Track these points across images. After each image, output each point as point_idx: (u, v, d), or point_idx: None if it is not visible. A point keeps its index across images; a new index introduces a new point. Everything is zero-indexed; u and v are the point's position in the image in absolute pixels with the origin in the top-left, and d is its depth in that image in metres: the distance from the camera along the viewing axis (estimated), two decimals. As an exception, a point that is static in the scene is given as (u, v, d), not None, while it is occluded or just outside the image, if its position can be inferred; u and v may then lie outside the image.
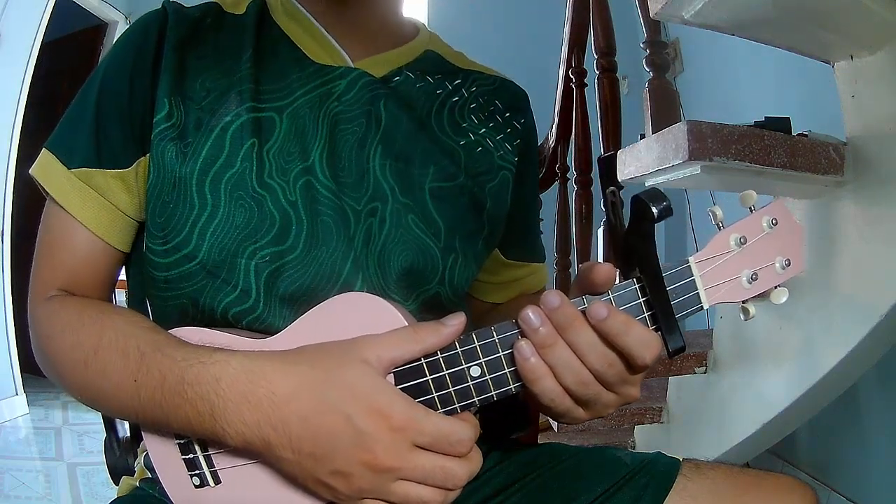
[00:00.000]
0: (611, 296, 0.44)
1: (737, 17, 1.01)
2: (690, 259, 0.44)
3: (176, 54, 0.55)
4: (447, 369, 0.45)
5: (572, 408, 0.44)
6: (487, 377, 0.44)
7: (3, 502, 1.84)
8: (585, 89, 1.78)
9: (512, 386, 0.44)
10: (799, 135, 1.08)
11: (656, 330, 0.44)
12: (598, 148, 1.55)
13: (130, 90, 0.54)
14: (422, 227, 0.57)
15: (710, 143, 0.96)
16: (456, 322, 0.44)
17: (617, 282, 0.45)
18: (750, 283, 0.44)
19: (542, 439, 1.49)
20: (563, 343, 0.42)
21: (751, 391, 1.27)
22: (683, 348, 0.44)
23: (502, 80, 0.70)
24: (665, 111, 1.24)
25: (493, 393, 0.44)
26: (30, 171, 0.56)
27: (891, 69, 1.00)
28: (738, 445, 1.29)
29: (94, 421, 2.54)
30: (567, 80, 1.83)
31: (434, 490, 0.43)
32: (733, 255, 0.44)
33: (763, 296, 0.45)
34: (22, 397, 2.69)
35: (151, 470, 0.57)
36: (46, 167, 0.55)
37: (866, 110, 1.05)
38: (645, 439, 1.60)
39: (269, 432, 0.42)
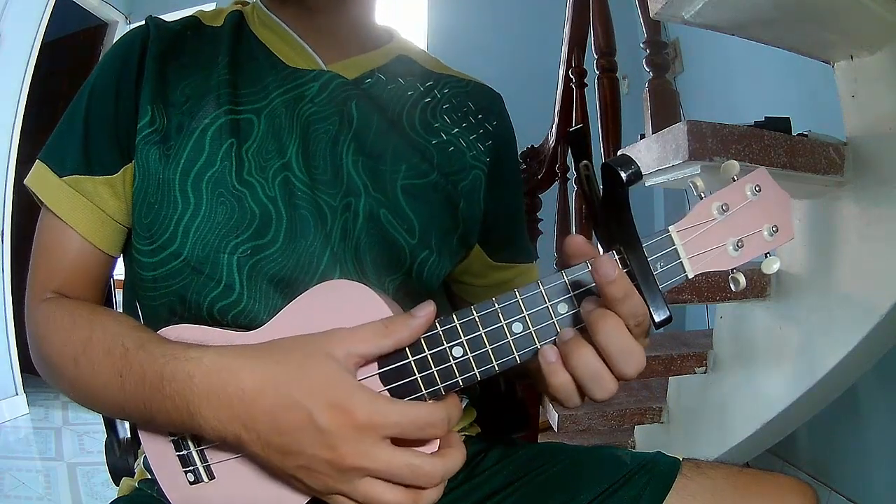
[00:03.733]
0: (590, 268, 0.43)
1: (737, 17, 1.01)
2: (671, 228, 0.43)
3: (157, 64, 0.57)
4: (429, 350, 0.44)
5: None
6: (469, 356, 0.44)
7: (3, 502, 1.84)
8: (585, 89, 1.78)
9: (495, 363, 0.44)
10: (799, 135, 1.08)
11: None
12: (598, 148, 1.55)
13: (116, 100, 0.57)
14: (393, 222, 0.59)
15: (710, 143, 0.96)
16: (424, 313, 0.44)
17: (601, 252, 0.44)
18: (736, 250, 0.43)
19: (542, 439, 1.49)
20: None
21: (751, 391, 1.27)
22: (670, 319, 0.42)
23: (476, 83, 0.71)
24: (665, 111, 1.25)
25: (476, 372, 0.44)
26: (24, 182, 0.59)
27: (891, 69, 1.00)
28: (738, 445, 1.29)
29: (94, 421, 2.55)
30: (567, 80, 1.83)
31: (402, 490, 0.43)
32: (716, 224, 0.43)
33: (754, 276, 0.44)
34: (22, 397, 2.69)
35: (150, 471, 0.58)
36: (39, 177, 0.58)
37: (866, 110, 1.05)
38: (645, 439, 1.61)
39: (240, 429, 0.43)
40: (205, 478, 0.49)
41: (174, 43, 0.60)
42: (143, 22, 0.61)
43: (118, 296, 0.67)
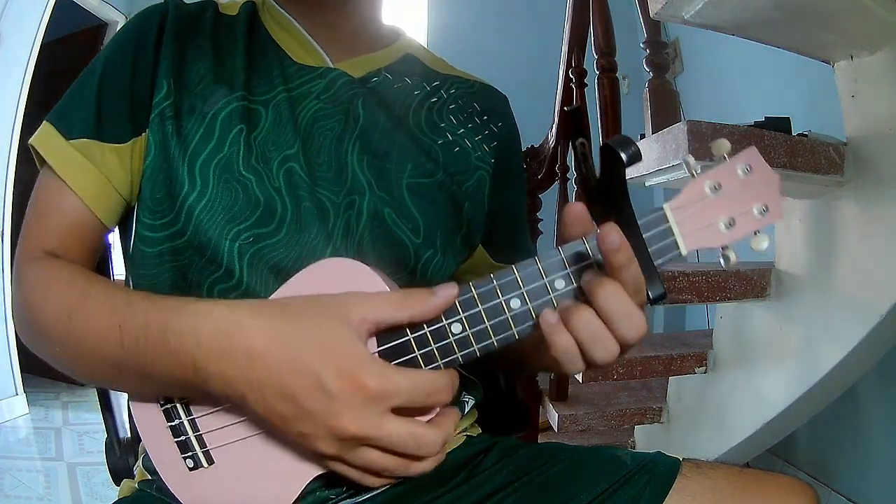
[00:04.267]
0: (586, 244, 0.43)
1: (737, 17, 1.01)
2: (665, 206, 0.44)
3: (175, 43, 0.58)
4: (428, 327, 0.44)
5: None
6: (469, 332, 0.44)
7: (3, 502, 1.84)
8: (585, 89, 1.78)
9: (494, 339, 0.44)
10: (799, 135, 1.08)
11: None
12: (598, 148, 1.55)
13: (133, 71, 0.57)
14: (398, 221, 0.58)
15: (710, 143, 0.96)
16: (445, 293, 0.44)
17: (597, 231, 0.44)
18: (727, 228, 0.44)
19: (542, 439, 1.49)
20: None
21: (751, 391, 1.27)
22: (664, 295, 0.43)
23: (482, 84, 0.72)
24: (665, 111, 1.25)
25: (476, 348, 0.44)
26: (29, 141, 0.58)
27: (891, 69, 1.00)
28: (738, 445, 1.29)
29: (94, 421, 2.54)
30: (567, 80, 1.83)
31: (397, 459, 0.43)
32: (708, 202, 0.44)
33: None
34: (22, 397, 2.69)
35: (150, 471, 0.58)
36: (45, 137, 0.57)
37: (866, 110, 1.05)
38: (645, 439, 1.61)
39: (245, 388, 0.42)
40: (204, 463, 0.49)
41: (191, 24, 0.60)
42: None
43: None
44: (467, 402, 0.66)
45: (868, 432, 1.52)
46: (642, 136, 1.20)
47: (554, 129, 1.93)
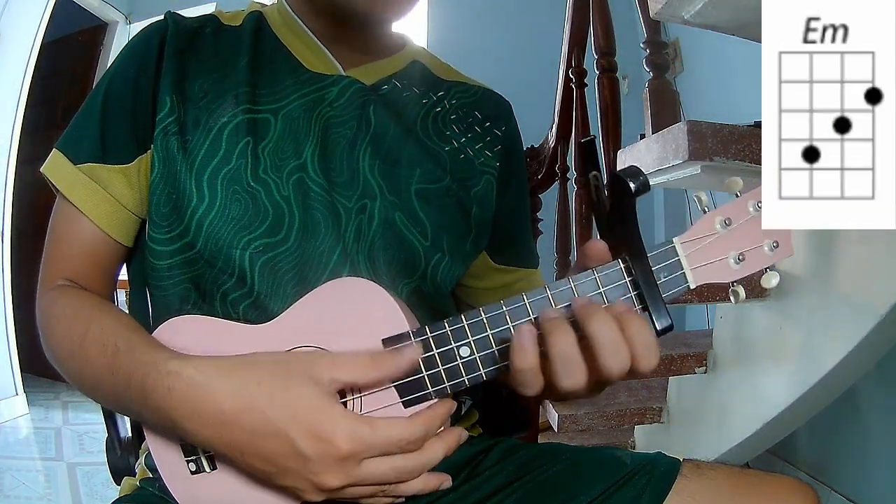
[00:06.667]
0: (596, 275, 0.44)
1: (737, 17, 1.01)
2: (675, 240, 0.44)
3: (176, 58, 0.58)
4: (437, 348, 0.45)
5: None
6: (476, 356, 0.45)
7: (3, 502, 1.84)
8: (585, 89, 1.78)
9: (501, 365, 0.45)
10: (799, 135, 1.08)
11: (643, 310, 0.44)
12: (598, 148, 1.55)
13: (134, 91, 0.58)
14: (408, 225, 0.59)
15: (710, 143, 0.96)
16: (410, 354, 0.44)
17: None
18: (737, 263, 0.44)
19: (542, 439, 1.49)
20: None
21: (751, 391, 1.27)
22: (671, 327, 0.44)
23: (484, 90, 0.72)
24: (665, 111, 1.25)
25: (483, 372, 0.45)
26: (40, 170, 0.59)
27: (891, 69, 1.00)
28: (738, 445, 1.29)
29: (94, 421, 2.54)
30: (567, 80, 1.83)
31: (384, 486, 0.45)
32: (719, 237, 0.44)
33: (754, 278, 0.45)
34: (22, 397, 2.69)
35: (152, 469, 0.58)
36: (55, 164, 0.59)
37: (866, 110, 1.05)
38: (645, 439, 1.61)
39: (222, 447, 0.44)
40: (206, 468, 0.49)
41: (193, 39, 0.60)
42: (161, 17, 0.62)
43: (121, 296, 0.67)
44: (464, 403, 0.66)
45: (868, 432, 1.52)
46: (642, 136, 1.20)
47: (554, 129, 1.93)
